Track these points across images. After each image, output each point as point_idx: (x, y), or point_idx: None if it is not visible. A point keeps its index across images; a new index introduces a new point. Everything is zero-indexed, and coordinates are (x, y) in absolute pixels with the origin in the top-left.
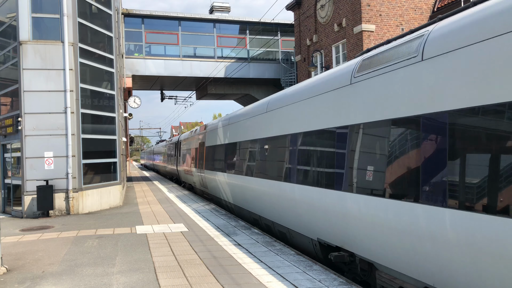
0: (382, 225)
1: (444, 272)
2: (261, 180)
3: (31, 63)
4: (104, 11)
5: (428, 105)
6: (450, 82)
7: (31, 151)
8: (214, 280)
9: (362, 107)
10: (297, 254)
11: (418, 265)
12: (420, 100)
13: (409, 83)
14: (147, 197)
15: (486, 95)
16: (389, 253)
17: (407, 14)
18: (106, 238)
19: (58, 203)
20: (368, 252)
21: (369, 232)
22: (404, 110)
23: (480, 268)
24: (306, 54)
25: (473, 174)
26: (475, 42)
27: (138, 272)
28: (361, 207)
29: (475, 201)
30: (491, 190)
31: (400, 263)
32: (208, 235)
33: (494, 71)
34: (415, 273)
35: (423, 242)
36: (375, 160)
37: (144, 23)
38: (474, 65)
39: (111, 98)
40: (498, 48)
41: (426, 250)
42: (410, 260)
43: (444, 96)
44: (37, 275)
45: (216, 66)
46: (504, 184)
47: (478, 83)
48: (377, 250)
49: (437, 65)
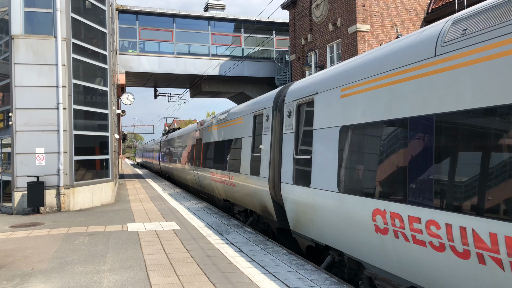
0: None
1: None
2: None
3: (23, 58)
4: (98, 6)
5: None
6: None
7: (22, 147)
8: (206, 279)
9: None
10: (289, 253)
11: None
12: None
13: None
14: (139, 195)
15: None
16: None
17: (401, 15)
18: (97, 235)
19: (49, 200)
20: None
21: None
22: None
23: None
24: (300, 53)
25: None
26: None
27: (129, 270)
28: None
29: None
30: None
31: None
32: (200, 234)
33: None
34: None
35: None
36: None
37: (139, 19)
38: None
39: (104, 95)
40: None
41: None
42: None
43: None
44: (26, 273)
45: (211, 64)
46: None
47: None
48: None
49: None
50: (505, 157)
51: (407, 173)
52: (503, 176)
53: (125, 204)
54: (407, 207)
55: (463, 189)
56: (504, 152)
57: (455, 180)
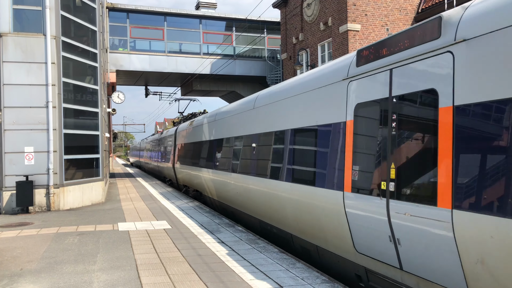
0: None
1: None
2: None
3: (11, 55)
4: (88, 4)
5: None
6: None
7: (10, 146)
8: (197, 277)
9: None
10: (280, 252)
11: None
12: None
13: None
14: (130, 194)
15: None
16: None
17: (392, 14)
18: (88, 235)
19: (38, 199)
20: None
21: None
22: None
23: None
24: (292, 52)
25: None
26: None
27: (119, 270)
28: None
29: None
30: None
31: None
32: (191, 233)
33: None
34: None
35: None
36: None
37: (129, 17)
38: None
39: (94, 93)
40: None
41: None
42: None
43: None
44: (15, 273)
45: (202, 63)
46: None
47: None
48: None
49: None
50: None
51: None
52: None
53: (116, 203)
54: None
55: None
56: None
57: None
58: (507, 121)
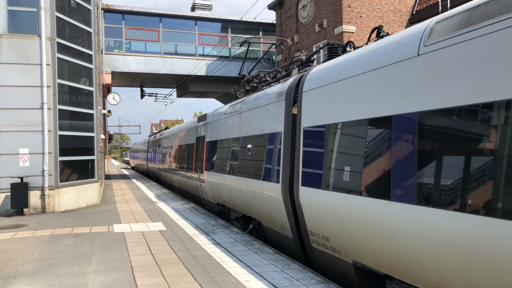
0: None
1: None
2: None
3: (6, 57)
4: (83, 5)
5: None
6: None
7: (5, 148)
8: (192, 279)
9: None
10: (275, 253)
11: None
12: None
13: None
14: (125, 196)
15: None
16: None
17: (386, 16)
18: (83, 236)
19: (33, 201)
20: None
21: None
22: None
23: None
24: (287, 53)
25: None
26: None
27: (114, 271)
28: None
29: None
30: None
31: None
32: (186, 234)
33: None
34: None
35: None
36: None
37: (125, 19)
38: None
39: (90, 95)
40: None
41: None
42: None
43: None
44: (9, 275)
45: (197, 64)
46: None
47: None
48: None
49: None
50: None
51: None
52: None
53: (111, 205)
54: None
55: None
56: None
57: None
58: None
